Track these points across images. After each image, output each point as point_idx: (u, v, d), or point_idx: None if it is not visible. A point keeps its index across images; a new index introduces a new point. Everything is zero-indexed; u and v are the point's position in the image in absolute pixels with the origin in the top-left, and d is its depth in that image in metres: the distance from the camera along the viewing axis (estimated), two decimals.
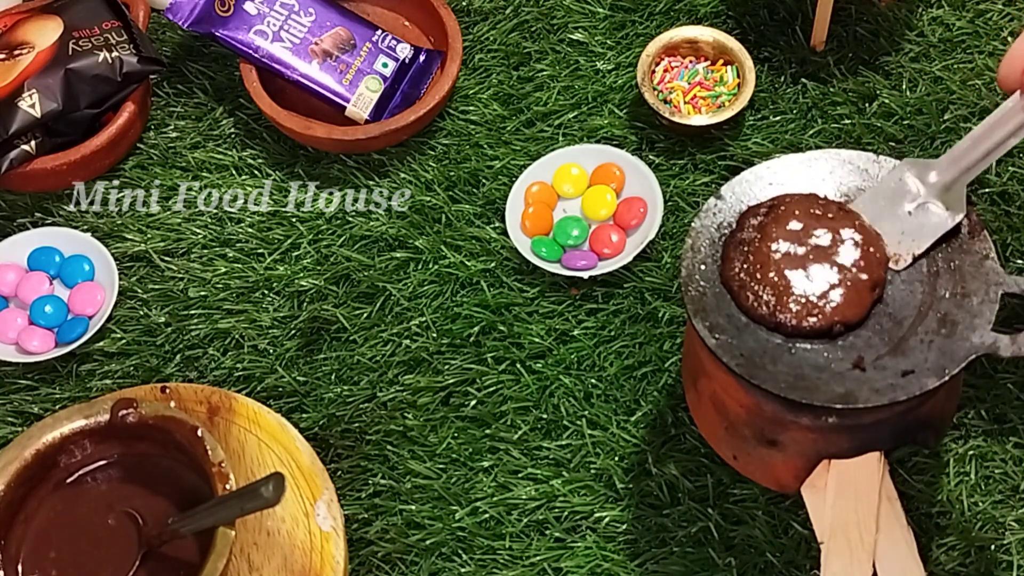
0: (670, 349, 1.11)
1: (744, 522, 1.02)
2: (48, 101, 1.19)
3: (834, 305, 0.90)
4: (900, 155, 1.19)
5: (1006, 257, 1.13)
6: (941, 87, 1.23)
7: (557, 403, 1.10)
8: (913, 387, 0.87)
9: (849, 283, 0.91)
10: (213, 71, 1.31)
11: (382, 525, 1.05)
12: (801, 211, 0.94)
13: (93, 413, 0.95)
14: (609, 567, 1.02)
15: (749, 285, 0.91)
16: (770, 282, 0.91)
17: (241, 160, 1.25)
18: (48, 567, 0.93)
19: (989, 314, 0.89)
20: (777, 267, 0.92)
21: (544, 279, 1.16)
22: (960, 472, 1.03)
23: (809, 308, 0.90)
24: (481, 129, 1.25)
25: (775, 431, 0.94)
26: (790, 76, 1.25)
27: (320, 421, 1.10)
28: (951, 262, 0.92)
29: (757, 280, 0.91)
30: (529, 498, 1.05)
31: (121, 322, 1.16)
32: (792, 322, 0.90)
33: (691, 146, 1.22)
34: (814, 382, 0.88)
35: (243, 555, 0.98)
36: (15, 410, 1.12)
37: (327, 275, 1.17)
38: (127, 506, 0.95)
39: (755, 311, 0.91)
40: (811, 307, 0.90)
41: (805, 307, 0.90)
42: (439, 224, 1.20)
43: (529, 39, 1.30)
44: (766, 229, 0.93)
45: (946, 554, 1.00)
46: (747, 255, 0.93)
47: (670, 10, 1.31)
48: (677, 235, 1.17)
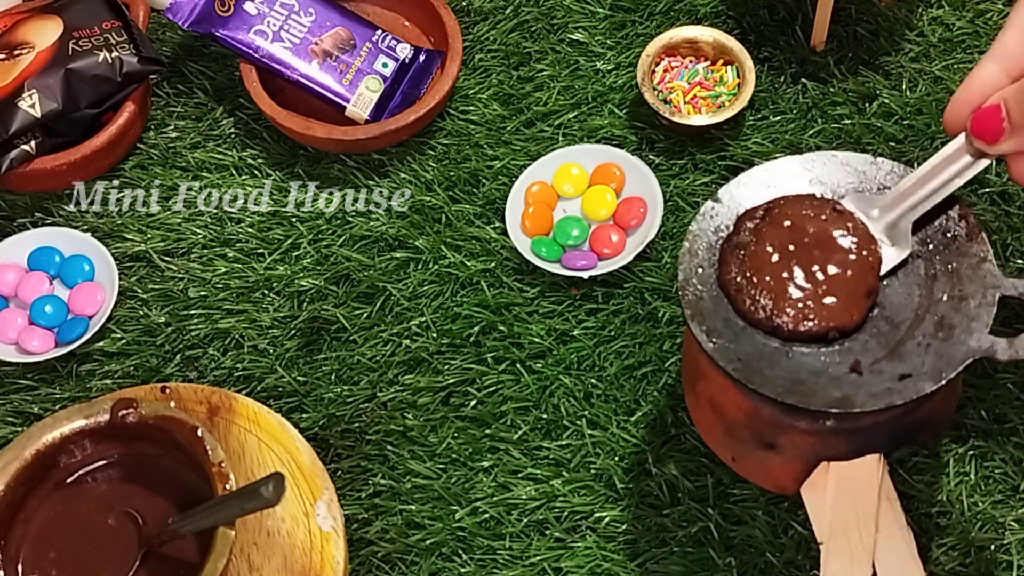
0: (670, 349, 1.11)
1: (744, 522, 1.02)
2: (48, 101, 1.19)
3: (829, 310, 0.90)
4: (900, 155, 1.19)
5: (1006, 258, 1.13)
6: (941, 87, 1.23)
7: (557, 403, 1.10)
8: (910, 391, 0.87)
9: (844, 288, 0.91)
10: (213, 71, 1.31)
11: (382, 525, 1.05)
12: (795, 213, 0.94)
13: (93, 413, 0.95)
14: (609, 567, 1.02)
15: (746, 289, 0.91)
16: (766, 285, 0.91)
17: (241, 160, 1.25)
18: (48, 567, 0.93)
19: (986, 317, 0.89)
20: (773, 270, 0.92)
21: (544, 279, 1.16)
22: (960, 472, 1.03)
23: (805, 312, 0.90)
24: (481, 129, 1.25)
25: (773, 434, 0.94)
26: (790, 76, 1.25)
27: (320, 421, 1.10)
28: (948, 264, 0.92)
29: (754, 284, 0.91)
30: (529, 498, 1.05)
31: (121, 322, 1.16)
32: (789, 326, 0.90)
33: (691, 146, 1.22)
34: (811, 386, 0.88)
35: (243, 555, 0.98)
36: (15, 410, 1.12)
37: (327, 275, 1.18)
38: (127, 506, 0.95)
39: (752, 315, 0.91)
40: (807, 311, 0.90)
41: (802, 311, 0.90)
42: (439, 224, 1.20)
43: (529, 39, 1.31)
44: (762, 232, 0.93)
45: (946, 554, 1.00)
46: (743, 259, 0.92)
47: (670, 10, 1.31)
48: (677, 235, 1.17)
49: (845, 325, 0.90)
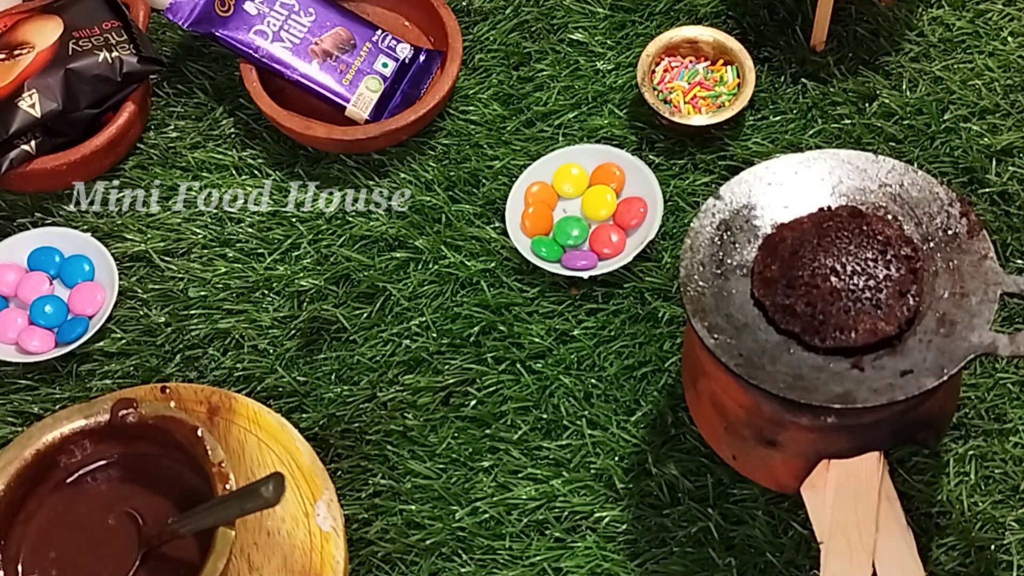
0: (670, 349, 1.11)
1: (744, 522, 1.02)
2: (48, 101, 1.19)
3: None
4: (900, 155, 1.19)
5: (1006, 257, 1.13)
6: (941, 87, 1.23)
7: (557, 403, 1.10)
8: (911, 387, 0.87)
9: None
10: (213, 71, 1.31)
11: (382, 525, 1.05)
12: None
13: (93, 413, 0.95)
14: (609, 567, 1.02)
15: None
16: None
17: (241, 160, 1.25)
18: (48, 567, 0.93)
19: (988, 314, 0.89)
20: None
21: (544, 279, 1.16)
22: (960, 472, 1.03)
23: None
24: (481, 129, 1.25)
25: (774, 431, 0.94)
26: (790, 76, 1.25)
27: (320, 421, 1.10)
28: (950, 262, 0.92)
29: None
30: (529, 498, 1.05)
31: (121, 322, 1.16)
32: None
33: (691, 146, 1.22)
34: (813, 382, 0.88)
35: (243, 555, 0.98)
36: (15, 410, 1.12)
37: (327, 275, 1.17)
38: (127, 506, 0.95)
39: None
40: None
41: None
42: (439, 224, 1.20)
43: (529, 39, 1.31)
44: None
45: (946, 554, 0.99)
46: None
47: (670, 10, 1.31)
48: (677, 235, 1.17)
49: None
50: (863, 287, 0.90)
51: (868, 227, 0.93)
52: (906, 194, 0.96)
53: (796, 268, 0.92)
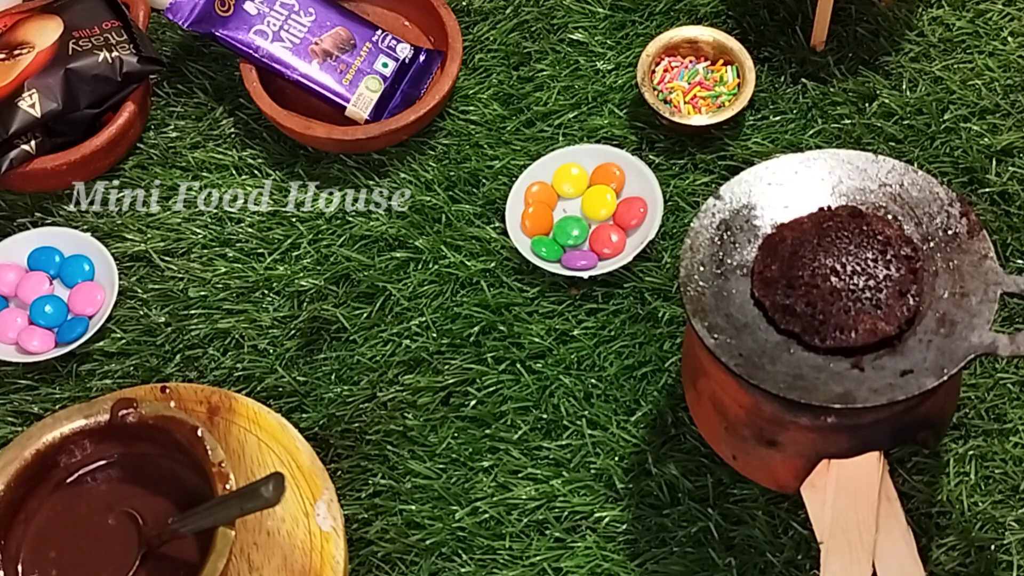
0: (670, 349, 1.11)
1: (744, 522, 1.02)
2: (48, 101, 1.19)
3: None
4: (900, 155, 1.19)
5: (1006, 257, 1.13)
6: (941, 87, 1.23)
7: (557, 403, 1.10)
8: (912, 387, 0.87)
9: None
10: (213, 71, 1.31)
11: (382, 525, 1.05)
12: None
13: (93, 413, 0.95)
14: (609, 567, 1.02)
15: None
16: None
17: (241, 160, 1.25)
18: (48, 567, 0.93)
19: (988, 314, 0.89)
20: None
21: (544, 279, 1.16)
22: (960, 472, 1.03)
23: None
24: (481, 129, 1.25)
25: (774, 431, 0.94)
26: (790, 76, 1.25)
27: (320, 421, 1.10)
28: (950, 262, 0.92)
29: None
30: (529, 498, 1.05)
31: (121, 322, 1.16)
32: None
33: (691, 146, 1.22)
34: (813, 382, 0.88)
35: (243, 555, 0.98)
36: (15, 410, 1.12)
37: (327, 275, 1.17)
38: (127, 506, 0.95)
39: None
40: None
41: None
42: (439, 224, 1.20)
43: (529, 39, 1.30)
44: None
45: (946, 554, 0.99)
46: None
47: (670, 10, 1.31)
48: (677, 235, 1.17)
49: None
50: (863, 287, 0.90)
51: (868, 227, 0.93)
52: (906, 194, 0.96)
53: (796, 268, 0.92)
